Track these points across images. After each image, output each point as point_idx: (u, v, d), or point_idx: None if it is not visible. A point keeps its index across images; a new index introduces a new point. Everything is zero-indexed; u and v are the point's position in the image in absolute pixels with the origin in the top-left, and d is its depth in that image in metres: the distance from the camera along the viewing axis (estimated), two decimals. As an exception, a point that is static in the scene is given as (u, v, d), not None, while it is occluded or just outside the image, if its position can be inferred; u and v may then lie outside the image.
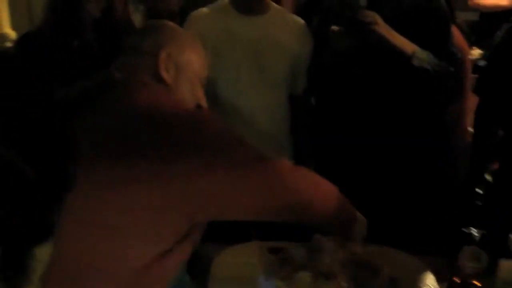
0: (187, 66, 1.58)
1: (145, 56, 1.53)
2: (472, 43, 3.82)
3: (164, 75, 1.52)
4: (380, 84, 2.42)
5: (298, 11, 2.73)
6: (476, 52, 4.21)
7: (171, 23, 1.65)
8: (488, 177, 2.58)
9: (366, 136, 2.47)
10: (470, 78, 2.87)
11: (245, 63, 2.51)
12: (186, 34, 1.64)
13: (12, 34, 3.49)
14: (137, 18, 2.66)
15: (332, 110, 2.61)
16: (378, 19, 2.28)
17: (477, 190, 2.59)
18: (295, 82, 2.61)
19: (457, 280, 1.72)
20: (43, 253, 1.86)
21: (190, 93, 1.58)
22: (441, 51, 2.36)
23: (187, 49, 1.59)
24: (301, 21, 2.62)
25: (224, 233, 1.80)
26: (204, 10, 2.61)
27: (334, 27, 2.35)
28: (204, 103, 1.64)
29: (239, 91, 2.52)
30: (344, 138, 2.53)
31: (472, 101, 2.69)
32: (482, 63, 3.49)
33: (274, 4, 2.61)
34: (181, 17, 2.67)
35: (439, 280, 1.72)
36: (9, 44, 3.35)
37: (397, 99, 2.43)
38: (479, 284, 1.69)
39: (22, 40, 2.51)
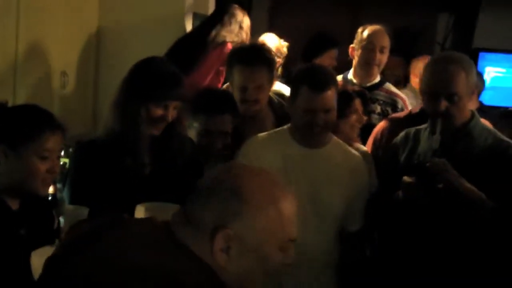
0: (258, 246, 1.30)
1: (201, 230, 1.30)
2: None
3: (218, 257, 1.29)
4: (448, 231, 2.42)
5: None
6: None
7: (252, 174, 1.36)
8: None
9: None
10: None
11: (297, 196, 2.47)
12: (265, 199, 1.32)
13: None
14: (191, 135, 2.69)
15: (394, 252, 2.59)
16: (448, 166, 2.32)
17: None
18: (349, 220, 2.57)
19: None
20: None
21: (257, 269, 1.33)
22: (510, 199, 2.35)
23: (261, 223, 1.30)
24: (360, 157, 2.62)
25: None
26: (263, 136, 2.62)
27: (406, 178, 2.38)
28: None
29: None
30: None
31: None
32: None
33: (334, 137, 2.61)
34: (233, 136, 2.69)
35: None
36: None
37: (463, 246, 2.42)
38: None
39: (78, 148, 2.53)
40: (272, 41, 4.02)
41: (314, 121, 2.44)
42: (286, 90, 3.29)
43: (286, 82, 3.47)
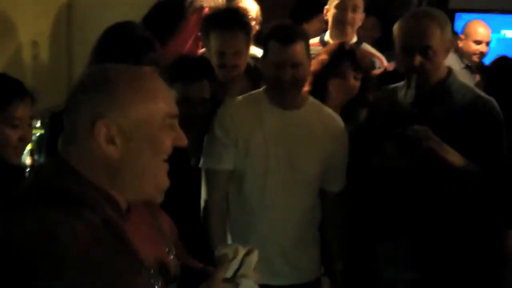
0: (142, 132, 1.28)
1: (82, 133, 1.28)
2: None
3: (107, 150, 1.26)
4: (428, 196, 2.44)
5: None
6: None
7: (116, 66, 1.35)
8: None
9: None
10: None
11: (274, 158, 2.47)
12: (135, 81, 1.30)
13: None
14: None
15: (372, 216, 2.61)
16: (430, 133, 2.32)
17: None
18: (329, 180, 2.56)
19: None
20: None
21: (151, 155, 1.30)
22: (491, 157, 2.37)
23: (136, 106, 1.27)
24: (338, 118, 2.59)
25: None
26: (239, 99, 2.58)
27: (387, 146, 2.41)
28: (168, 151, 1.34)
29: (266, 188, 2.46)
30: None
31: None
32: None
33: (311, 98, 2.57)
34: (212, 102, 2.64)
35: None
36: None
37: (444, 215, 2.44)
38: None
39: (52, 118, 2.49)
40: (252, 5, 3.97)
41: (282, 76, 2.42)
42: (260, 53, 3.26)
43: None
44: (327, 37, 3.64)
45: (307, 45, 2.51)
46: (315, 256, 2.63)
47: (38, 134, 2.84)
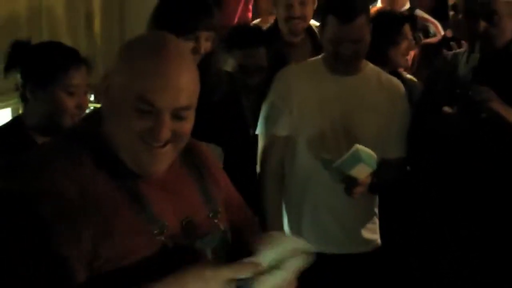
0: (118, 90, 1.26)
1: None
2: None
3: (101, 101, 1.33)
4: (490, 165, 2.33)
5: None
6: None
7: (145, 35, 1.47)
8: None
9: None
10: None
11: (330, 124, 2.42)
12: (133, 50, 1.30)
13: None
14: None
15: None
16: (493, 95, 2.20)
17: None
18: (388, 147, 2.47)
19: None
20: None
21: (124, 128, 1.27)
22: None
23: (126, 66, 1.27)
24: (398, 83, 2.52)
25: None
26: (295, 67, 2.59)
27: (446, 108, 2.28)
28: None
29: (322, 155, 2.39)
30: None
31: None
32: None
33: (369, 63, 2.52)
34: (269, 71, 2.64)
35: None
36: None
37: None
38: None
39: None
40: None
41: (341, 52, 2.39)
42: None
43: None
44: (378, 4, 3.59)
45: (368, 16, 2.44)
46: (372, 226, 2.58)
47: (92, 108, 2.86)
